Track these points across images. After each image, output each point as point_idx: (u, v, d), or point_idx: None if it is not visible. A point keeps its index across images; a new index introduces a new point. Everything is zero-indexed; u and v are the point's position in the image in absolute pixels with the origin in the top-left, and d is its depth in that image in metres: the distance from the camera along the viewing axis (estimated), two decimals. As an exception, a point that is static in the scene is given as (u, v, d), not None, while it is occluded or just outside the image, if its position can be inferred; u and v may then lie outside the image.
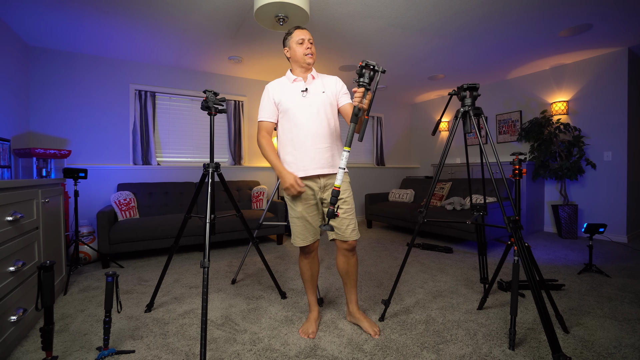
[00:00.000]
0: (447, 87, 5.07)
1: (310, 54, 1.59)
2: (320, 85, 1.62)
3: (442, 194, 4.18)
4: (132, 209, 3.32)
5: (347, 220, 1.59)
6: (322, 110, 1.58)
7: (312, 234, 1.64)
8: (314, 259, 1.72)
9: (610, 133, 3.68)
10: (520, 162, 1.88)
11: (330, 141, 1.59)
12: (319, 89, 1.60)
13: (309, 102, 1.58)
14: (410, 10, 2.68)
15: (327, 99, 1.60)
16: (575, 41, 3.34)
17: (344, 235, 1.60)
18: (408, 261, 2.92)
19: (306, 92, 1.59)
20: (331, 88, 1.63)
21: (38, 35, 3.03)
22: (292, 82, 1.63)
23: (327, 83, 1.64)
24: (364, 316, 1.69)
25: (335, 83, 1.66)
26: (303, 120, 1.56)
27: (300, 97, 1.59)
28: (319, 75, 1.67)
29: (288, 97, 1.60)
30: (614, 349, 1.48)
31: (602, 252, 3.17)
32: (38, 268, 1.32)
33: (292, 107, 1.58)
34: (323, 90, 1.60)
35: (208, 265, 1.44)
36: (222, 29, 2.99)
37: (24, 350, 1.50)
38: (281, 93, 1.62)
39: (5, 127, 2.80)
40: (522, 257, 1.42)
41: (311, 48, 1.59)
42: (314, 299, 1.75)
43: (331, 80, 1.67)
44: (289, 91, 1.61)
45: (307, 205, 1.61)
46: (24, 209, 1.63)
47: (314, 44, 1.59)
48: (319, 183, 1.61)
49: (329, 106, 1.60)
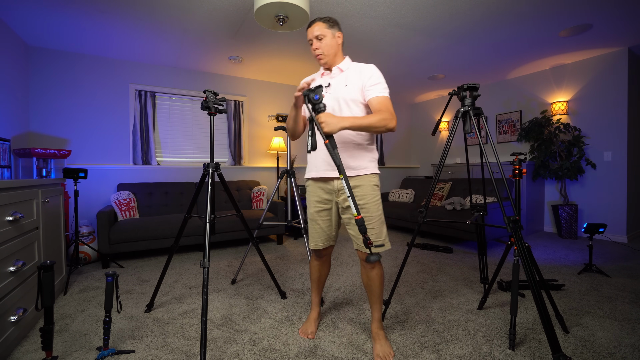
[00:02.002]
0: (447, 87, 5.07)
1: (318, 55, 1.46)
2: (344, 78, 1.46)
3: (442, 194, 4.18)
4: (132, 209, 3.32)
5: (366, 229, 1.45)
6: (342, 106, 1.43)
7: (323, 239, 1.56)
8: (324, 263, 1.66)
9: (610, 133, 3.68)
10: (520, 162, 1.88)
11: (344, 140, 1.44)
12: (342, 82, 1.45)
13: (329, 98, 1.46)
14: (410, 10, 2.68)
15: (349, 94, 1.43)
16: (575, 41, 3.34)
17: (360, 246, 1.45)
18: (408, 261, 2.92)
19: (329, 87, 1.47)
20: (355, 81, 1.43)
21: (38, 35, 3.03)
22: (321, 76, 1.54)
23: (353, 76, 1.45)
24: (379, 337, 1.49)
25: (361, 74, 1.44)
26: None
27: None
28: (351, 66, 1.49)
29: None
30: (614, 349, 1.48)
31: (602, 252, 3.17)
32: (38, 268, 1.32)
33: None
34: (346, 84, 1.44)
35: (208, 265, 1.44)
36: (222, 29, 2.99)
37: (24, 350, 1.50)
38: None
39: (5, 127, 2.80)
40: (522, 257, 1.42)
41: (320, 47, 1.44)
42: (316, 299, 1.72)
43: (359, 71, 1.45)
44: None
45: (317, 209, 1.53)
46: (24, 209, 1.63)
47: (324, 38, 1.42)
48: (333, 186, 1.48)
49: (352, 102, 1.42)
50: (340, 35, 1.48)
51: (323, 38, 1.43)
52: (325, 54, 1.45)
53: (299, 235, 4.03)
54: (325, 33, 1.43)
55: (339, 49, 1.50)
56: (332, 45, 1.45)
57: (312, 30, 1.45)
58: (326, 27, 1.43)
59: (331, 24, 1.44)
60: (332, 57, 1.47)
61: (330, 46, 1.45)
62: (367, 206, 1.43)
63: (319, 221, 1.54)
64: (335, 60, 1.49)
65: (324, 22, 1.44)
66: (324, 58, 1.46)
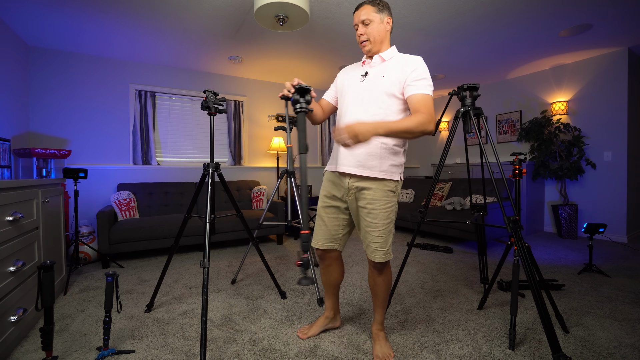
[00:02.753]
0: (447, 87, 5.07)
1: (363, 42, 1.35)
2: (383, 68, 1.33)
3: (442, 194, 4.18)
4: (132, 209, 3.32)
5: (371, 237, 1.35)
6: (372, 98, 1.31)
7: (326, 239, 1.46)
8: (329, 267, 1.53)
9: (610, 133, 3.68)
10: (520, 162, 1.88)
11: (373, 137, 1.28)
12: (380, 73, 1.33)
13: (362, 88, 1.35)
14: (410, 10, 2.68)
15: (385, 86, 1.29)
16: (575, 41, 3.34)
17: (367, 252, 1.40)
18: (408, 261, 2.92)
19: (365, 76, 1.37)
20: (395, 73, 1.29)
21: (38, 35, 3.03)
22: (362, 64, 1.43)
23: (394, 67, 1.31)
24: (379, 338, 1.48)
25: (403, 66, 1.29)
26: (347, 107, 1.37)
27: (358, 81, 1.38)
28: (394, 57, 1.35)
29: (347, 81, 1.43)
30: (614, 349, 1.48)
31: (602, 252, 3.17)
32: (38, 268, 1.32)
33: (344, 93, 1.42)
34: (383, 75, 1.31)
35: (208, 265, 1.44)
36: (222, 29, 2.99)
37: (24, 350, 1.50)
38: (345, 76, 1.46)
39: (5, 127, 2.80)
40: (522, 257, 1.42)
41: (365, 32, 1.32)
42: (329, 303, 1.62)
43: (404, 63, 1.31)
44: (352, 75, 1.43)
45: (324, 205, 1.46)
46: (24, 209, 1.63)
47: (370, 23, 1.30)
48: (345, 184, 1.38)
49: (384, 94, 1.29)
50: (389, 21, 1.35)
51: (370, 23, 1.31)
52: (371, 41, 1.32)
53: (299, 235, 4.03)
54: (373, 18, 1.30)
55: (387, 36, 1.36)
56: (380, 31, 1.32)
57: (358, 14, 1.34)
58: (374, 10, 1.31)
59: (380, 8, 1.32)
60: (378, 44, 1.34)
61: (377, 32, 1.32)
62: (374, 212, 1.32)
63: (324, 218, 1.46)
64: (381, 48, 1.36)
65: (372, 5, 1.31)
66: (367, 45, 1.34)
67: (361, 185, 1.33)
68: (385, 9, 1.33)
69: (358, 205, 1.37)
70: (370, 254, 1.37)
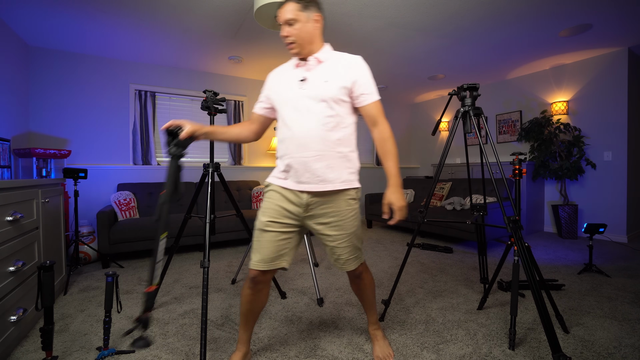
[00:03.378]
0: (447, 87, 5.07)
1: (289, 44, 1.20)
2: (323, 72, 1.20)
3: (442, 194, 4.18)
4: (132, 209, 3.32)
5: (339, 250, 1.26)
6: (319, 107, 1.17)
7: (271, 258, 1.23)
8: (260, 292, 1.29)
9: (610, 133, 3.68)
10: (520, 162, 1.88)
11: (323, 147, 1.17)
12: (320, 77, 1.19)
13: (304, 96, 1.19)
14: (410, 10, 2.68)
15: (330, 92, 1.17)
16: (575, 41, 3.34)
17: (336, 266, 1.32)
18: (408, 261, 2.92)
19: (305, 81, 1.20)
20: (338, 77, 1.18)
21: (38, 35, 3.03)
22: (295, 67, 1.26)
23: (334, 69, 1.19)
24: (377, 337, 1.48)
25: (347, 70, 1.19)
26: (292, 120, 1.20)
27: (296, 88, 1.21)
28: (331, 57, 1.23)
29: (281, 88, 1.25)
30: (614, 349, 1.48)
31: (602, 252, 3.17)
32: (38, 268, 1.32)
33: (282, 102, 1.24)
34: (326, 79, 1.18)
35: (208, 265, 1.44)
36: (222, 29, 2.99)
37: (24, 350, 1.50)
38: (278, 84, 1.28)
39: (5, 127, 2.80)
40: (522, 257, 1.42)
41: (290, 33, 1.17)
42: (244, 337, 1.36)
43: (346, 65, 1.20)
44: (286, 80, 1.26)
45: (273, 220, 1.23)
46: (24, 209, 1.63)
47: (296, 23, 1.16)
48: (301, 198, 1.21)
49: (332, 101, 1.18)
50: (318, 18, 1.20)
51: (295, 23, 1.16)
52: (298, 43, 1.18)
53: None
54: (298, 17, 1.16)
55: (317, 35, 1.22)
56: (307, 31, 1.18)
57: (282, 13, 1.18)
58: (299, 8, 1.16)
59: (306, 5, 1.17)
60: (307, 45, 1.20)
61: (305, 32, 1.17)
62: (340, 223, 1.24)
63: (270, 235, 1.23)
64: (312, 49, 1.22)
65: (297, 3, 1.16)
66: (295, 48, 1.19)
67: (322, 199, 1.22)
68: (311, 5, 1.18)
69: (320, 221, 1.25)
70: (342, 266, 1.30)
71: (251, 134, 1.39)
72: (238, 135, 1.36)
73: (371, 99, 1.23)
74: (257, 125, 1.39)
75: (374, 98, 1.23)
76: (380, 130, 1.25)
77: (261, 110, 1.36)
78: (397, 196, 1.19)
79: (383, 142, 1.25)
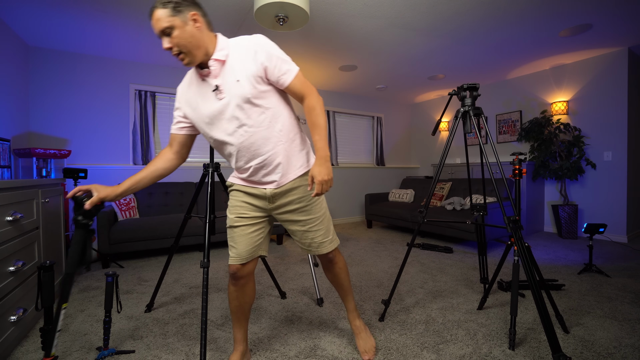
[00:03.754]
0: (447, 87, 5.08)
1: (177, 55, 1.05)
2: (231, 71, 1.07)
3: (442, 194, 4.18)
4: (132, 209, 3.32)
5: (312, 234, 1.27)
6: (246, 110, 1.09)
7: (247, 251, 1.24)
8: (245, 286, 1.29)
9: (610, 133, 3.68)
10: (520, 162, 1.88)
11: (272, 146, 1.14)
12: (231, 79, 1.07)
13: (226, 106, 1.09)
14: (410, 10, 2.68)
15: (246, 90, 1.07)
16: (575, 41, 3.34)
17: (310, 251, 1.31)
18: (408, 261, 2.92)
19: (218, 91, 1.08)
20: (249, 69, 1.07)
21: (38, 35, 3.03)
22: (200, 79, 1.12)
23: (240, 63, 1.07)
24: (359, 329, 1.47)
25: (252, 57, 1.06)
26: (227, 134, 1.13)
27: (214, 101, 1.10)
28: (231, 51, 1.08)
29: (198, 107, 1.14)
30: (614, 349, 1.48)
31: (602, 252, 3.17)
32: (38, 268, 1.32)
33: (203, 121, 1.15)
34: (237, 79, 1.07)
35: (208, 265, 1.44)
36: (222, 29, 2.99)
37: (24, 350, 1.50)
38: (190, 102, 1.16)
39: (5, 127, 2.80)
40: (522, 257, 1.42)
41: (172, 44, 1.02)
42: (239, 335, 1.35)
43: (245, 52, 1.07)
44: (199, 97, 1.13)
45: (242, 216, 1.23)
46: (24, 209, 1.63)
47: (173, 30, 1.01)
48: (265, 192, 1.21)
49: (255, 97, 1.09)
50: (196, 17, 1.04)
51: (172, 31, 1.01)
52: (185, 52, 1.04)
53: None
54: (173, 22, 1.00)
55: (204, 34, 1.06)
56: (189, 35, 1.02)
57: (154, 24, 1.02)
58: (169, 14, 1.00)
59: (174, 6, 1.00)
60: (196, 50, 1.05)
61: (187, 38, 1.02)
62: (307, 208, 1.24)
63: (242, 229, 1.24)
64: (207, 51, 1.07)
65: (164, 8, 1.00)
66: (185, 58, 1.05)
67: (285, 188, 1.21)
68: (182, 5, 1.02)
69: (287, 209, 1.24)
70: (317, 249, 1.30)
71: (176, 161, 1.28)
72: (162, 171, 1.25)
73: (290, 76, 1.12)
74: (179, 147, 1.27)
75: (292, 74, 1.12)
76: (307, 101, 1.16)
77: (182, 130, 1.24)
78: (319, 169, 1.08)
79: (308, 112, 1.15)
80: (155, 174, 1.23)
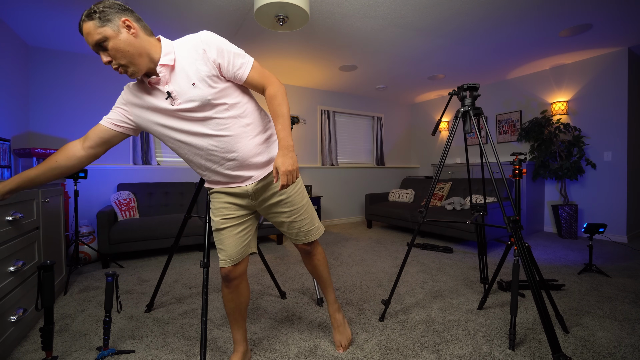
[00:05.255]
0: (447, 87, 5.07)
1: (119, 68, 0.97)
2: (183, 77, 1.01)
3: (442, 194, 4.18)
4: (132, 209, 3.32)
5: (298, 224, 1.29)
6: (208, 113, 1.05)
7: (237, 252, 1.24)
8: (239, 286, 1.29)
9: (610, 133, 3.68)
10: (520, 162, 1.88)
11: (243, 143, 1.12)
12: (184, 83, 1.01)
13: (182, 111, 1.05)
14: (410, 10, 2.68)
15: (204, 92, 1.02)
16: (575, 41, 3.34)
17: (299, 240, 1.34)
18: (408, 261, 2.92)
19: (172, 97, 1.03)
20: (201, 70, 1.01)
21: (38, 35, 3.03)
22: (150, 87, 1.05)
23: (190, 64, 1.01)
24: (338, 323, 1.50)
25: (202, 56, 1.00)
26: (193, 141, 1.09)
27: (169, 109, 1.04)
28: (177, 54, 1.02)
29: (150, 115, 1.08)
30: (614, 349, 1.48)
31: (602, 252, 3.17)
32: (38, 268, 1.32)
33: (166, 132, 1.09)
34: (192, 82, 1.01)
35: (208, 265, 1.44)
36: (222, 29, 2.99)
37: (24, 350, 1.50)
38: (140, 109, 1.08)
39: (5, 127, 2.80)
40: (522, 257, 1.42)
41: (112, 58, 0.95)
42: (239, 336, 1.36)
43: (195, 53, 1.01)
44: (150, 105, 1.06)
45: (229, 217, 1.22)
46: (24, 209, 1.63)
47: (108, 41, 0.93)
48: (247, 189, 1.20)
49: (215, 98, 1.04)
50: (129, 23, 0.96)
51: (106, 41, 0.93)
52: (126, 63, 0.96)
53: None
54: (104, 33, 0.92)
55: (143, 39, 0.98)
56: (126, 44, 0.94)
57: (86, 39, 0.94)
58: (98, 24, 0.92)
59: (100, 16, 0.92)
60: (139, 58, 0.97)
61: (125, 48, 0.94)
62: (289, 198, 1.24)
63: (230, 230, 1.23)
64: (151, 58, 0.99)
65: (91, 20, 0.92)
66: (129, 69, 0.97)
67: (265, 182, 1.20)
68: (109, 13, 0.93)
69: (270, 202, 1.24)
70: (305, 238, 1.33)
71: (85, 159, 1.11)
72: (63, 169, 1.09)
73: (246, 70, 1.07)
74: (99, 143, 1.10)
75: (248, 67, 1.07)
76: (268, 91, 1.11)
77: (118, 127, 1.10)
78: (283, 160, 1.02)
79: (270, 101, 1.10)
80: (55, 172, 1.09)
